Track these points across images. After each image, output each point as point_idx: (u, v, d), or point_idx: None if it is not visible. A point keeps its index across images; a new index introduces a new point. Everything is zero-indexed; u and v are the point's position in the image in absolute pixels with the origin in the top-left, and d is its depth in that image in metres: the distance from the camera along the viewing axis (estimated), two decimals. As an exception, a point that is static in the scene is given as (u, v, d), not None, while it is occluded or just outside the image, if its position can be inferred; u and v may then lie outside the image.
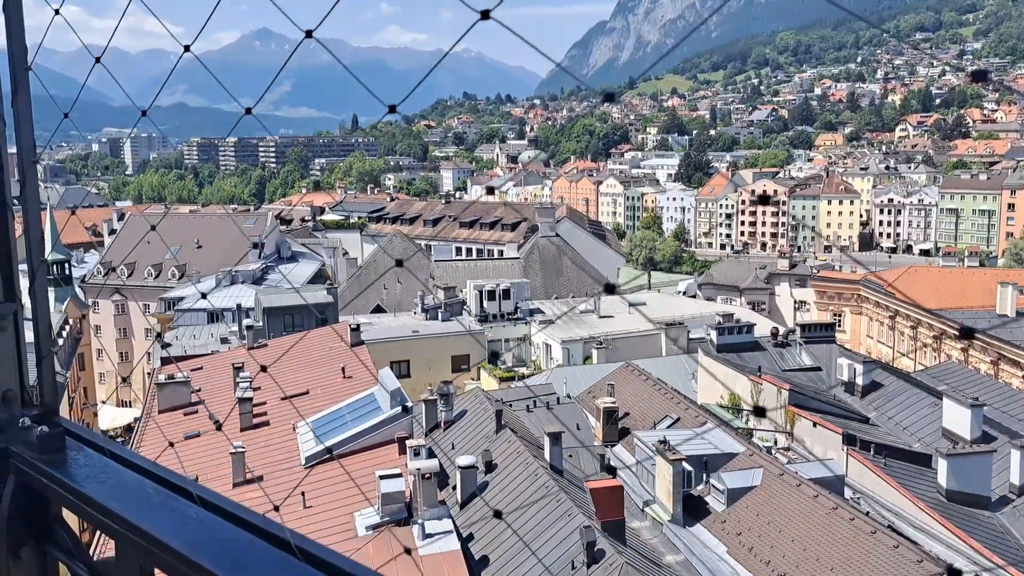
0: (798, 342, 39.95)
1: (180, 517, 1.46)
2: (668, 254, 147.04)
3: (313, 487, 22.70)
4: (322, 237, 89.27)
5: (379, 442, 25.13)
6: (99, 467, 1.71)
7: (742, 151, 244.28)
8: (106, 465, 1.72)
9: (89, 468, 1.71)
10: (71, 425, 1.86)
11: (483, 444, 26.72)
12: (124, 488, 1.59)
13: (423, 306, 53.47)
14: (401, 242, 73.75)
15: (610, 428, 30.09)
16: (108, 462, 1.72)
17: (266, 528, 1.38)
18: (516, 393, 35.62)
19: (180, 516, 1.46)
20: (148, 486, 1.59)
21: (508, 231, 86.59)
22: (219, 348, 44.57)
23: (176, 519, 1.45)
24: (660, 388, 32.14)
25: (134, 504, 1.52)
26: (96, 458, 1.74)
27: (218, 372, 34.00)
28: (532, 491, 23.21)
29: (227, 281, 59.98)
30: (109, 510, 1.52)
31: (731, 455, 24.97)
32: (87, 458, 1.74)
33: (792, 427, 31.18)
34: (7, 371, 1.88)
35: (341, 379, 30.89)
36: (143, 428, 31.12)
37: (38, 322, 1.98)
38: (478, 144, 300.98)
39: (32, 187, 1.87)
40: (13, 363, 1.88)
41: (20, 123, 1.88)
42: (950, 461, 25.75)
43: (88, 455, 1.76)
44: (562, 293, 62.51)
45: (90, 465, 1.72)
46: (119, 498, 1.55)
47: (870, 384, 34.59)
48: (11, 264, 1.90)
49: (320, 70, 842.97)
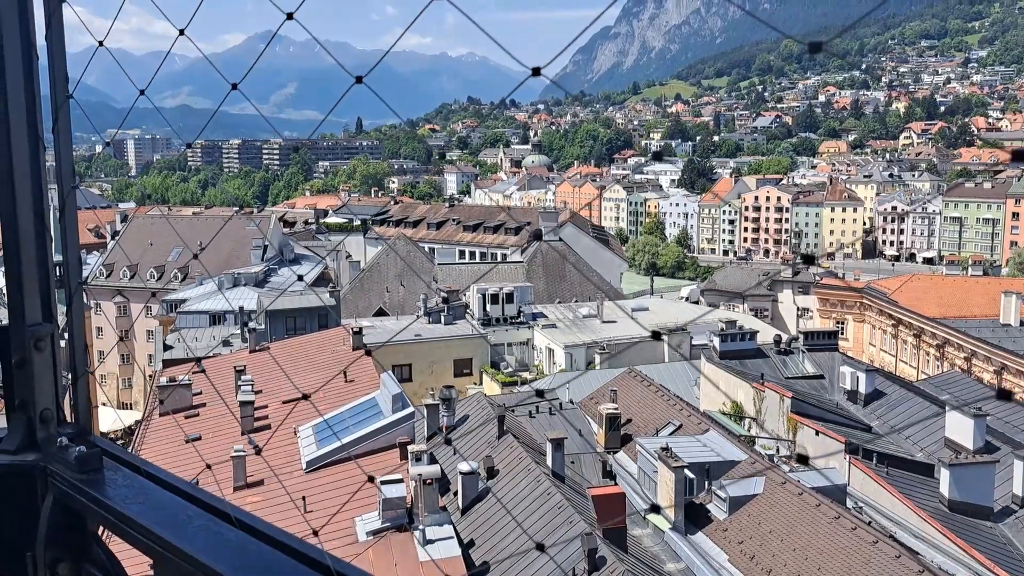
0: (801, 350, 39.96)
1: (221, 540, 1.50)
2: (671, 260, 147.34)
3: (314, 491, 22.75)
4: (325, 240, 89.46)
5: (381, 447, 25.17)
6: (137, 487, 1.75)
7: (745, 157, 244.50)
8: (143, 485, 1.76)
9: (127, 488, 1.75)
10: (107, 444, 1.91)
11: (485, 450, 26.74)
12: (163, 509, 1.63)
13: (426, 309, 53.53)
14: (404, 245, 73.83)
15: (612, 434, 30.11)
16: (145, 482, 1.77)
17: (305, 552, 1.43)
18: (518, 397, 35.64)
19: (221, 539, 1.50)
20: (187, 508, 1.63)
21: (512, 235, 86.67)
22: (221, 351, 44.67)
23: (217, 542, 1.49)
24: (662, 394, 32.15)
25: (174, 525, 1.56)
26: (133, 478, 1.79)
27: (220, 375, 34.05)
28: (534, 497, 23.23)
29: (229, 283, 60.10)
30: (150, 531, 1.56)
31: (733, 463, 24.98)
32: (124, 478, 1.79)
33: (794, 436, 31.19)
34: (45, 391, 1.92)
35: (343, 382, 30.95)
36: (144, 431, 31.18)
37: (74, 342, 2.03)
38: (482, 148, 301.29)
39: (71, 212, 1.92)
40: (51, 383, 1.93)
41: (60, 149, 1.93)
42: (952, 471, 25.75)
43: (125, 475, 1.80)
44: (565, 297, 62.52)
45: (128, 485, 1.76)
46: (159, 519, 1.59)
47: (873, 393, 34.60)
48: (49, 286, 1.95)
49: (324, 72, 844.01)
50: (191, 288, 62.77)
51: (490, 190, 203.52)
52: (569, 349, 47.24)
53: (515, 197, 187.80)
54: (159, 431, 29.52)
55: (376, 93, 2.36)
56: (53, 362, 1.93)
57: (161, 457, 26.07)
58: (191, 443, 26.72)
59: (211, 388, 32.82)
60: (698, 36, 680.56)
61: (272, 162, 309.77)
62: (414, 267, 68.66)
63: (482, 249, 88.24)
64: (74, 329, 2.04)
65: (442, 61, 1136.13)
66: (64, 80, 1.97)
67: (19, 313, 1.90)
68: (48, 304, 1.94)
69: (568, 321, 52.65)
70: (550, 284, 66.05)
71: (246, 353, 37.15)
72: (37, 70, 1.90)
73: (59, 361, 1.95)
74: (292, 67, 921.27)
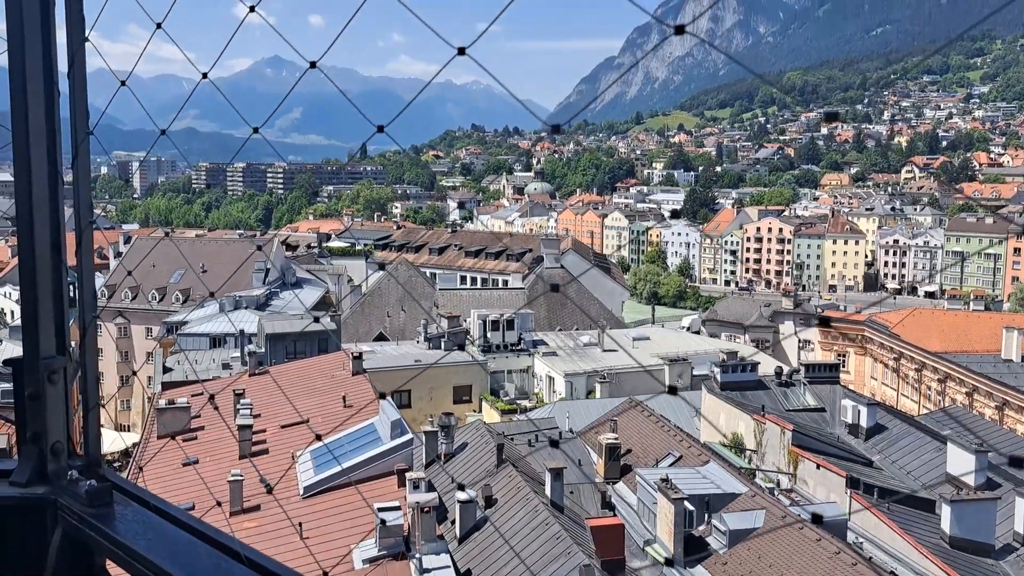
0: (802, 382, 39.86)
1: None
2: (672, 289, 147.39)
3: (311, 517, 22.62)
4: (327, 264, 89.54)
5: (378, 473, 25.06)
6: (146, 522, 1.77)
7: (748, 188, 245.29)
8: (153, 521, 1.77)
9: (137, 524, 1.76)
10: (118, 479, 1.92)
11: (483, 478, 26.60)
12: (174, 546, 1.64)
13: (426, 335, 53.50)
14: (406, 270, 73.93)
15: (612, 464, 29.95)
16: (154, 517, 1.78)
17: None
18: (518, 427, 35.51)
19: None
20: (196, 544, 1.64)
21: (513, 261, 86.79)
22: (220, 374, 44.60)
23: None
24: (663, 425, 32.03)
25: (184, 562, 1.57)
26: (143, 513, 1.80)
27: (219, 398, 33.96)
28: (532, 527, 23.07)
29: (230, 306, 60.09)
30: (158, 567, 1.57)
31: (733, 495, 24.83)
32: (135, 513, 1.80)
33: (795, 469, 31.03)
34: (57, 423, 1.94)
35: (342, 407, 30.87)
36: (142, 453, 31.06)
37: (86, 374, 2.05)
38: (485, 175, 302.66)
39: (87, 247, 1.95)
40: (63, 415, 1.95)
41: (79, 185, 1.97)
42: (954, 507, 25.58)
43: (136, 510, 1.81)
44: (566, 325, 62.49)
45: (137, 520, 1.77)
46: (168, 555, 1.60)
47: (874, 427, 34.46)
48: (63, 319, 1.97)
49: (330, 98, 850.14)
50: (192, 310, 62.76)
51: (492, 216, 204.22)
52: (569, 377, 47.14)
53: (517, 224, 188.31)
54: (157, 454, 29.39)
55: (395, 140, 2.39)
56: (65, 395, 1.95)
57: (159, 480, 25.97)
58: (188, 466, 26.61)
59: (210, 411, 32.73)
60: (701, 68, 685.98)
61: (276, 186, 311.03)
62: (414, 293, 68.71)
63: (483, 275, 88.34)
64: (87, 362, 2.06)
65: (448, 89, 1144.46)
66: (85, 117, 2.01)
67: (34, 346, 1.92)
68: (62, 337, 1.97)
69: (569, 349, 52.58)
70: (551, 311, 66.03)
71: (246, 376, 37.08)
72: (58, 107, 1.95)
73: (71, 394, 1.97)
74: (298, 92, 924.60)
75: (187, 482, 25.24)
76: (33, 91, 1.90)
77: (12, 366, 1.95)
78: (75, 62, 1.94)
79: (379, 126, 2.02)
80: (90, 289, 1.97)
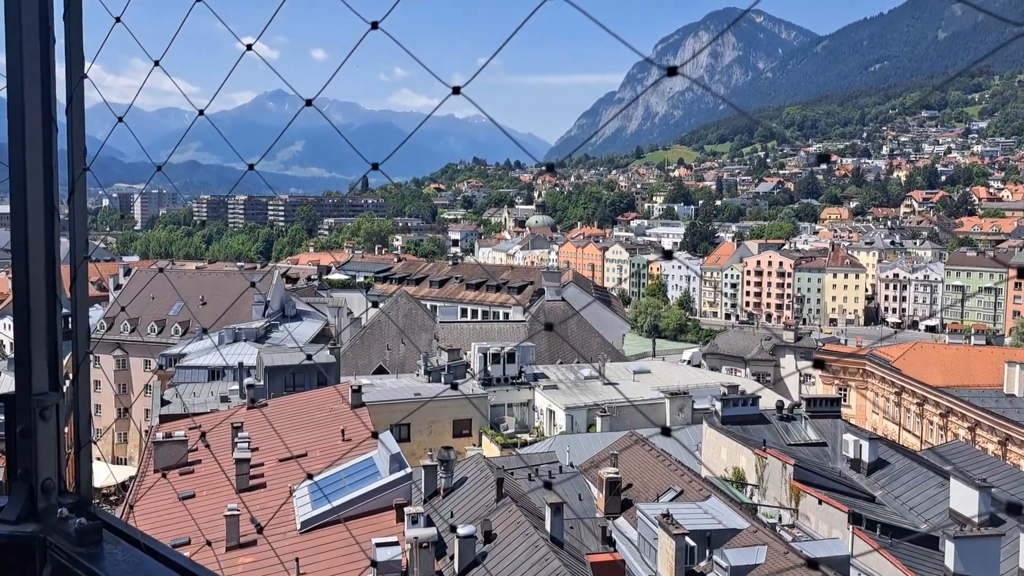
0: (803, 416, 39.67)
1: None
2: (673, 322, 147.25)
3: (308, 553, 22.38)
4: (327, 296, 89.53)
5: (377, 508, 24.84)
6: (135, 562, 1.73)
7: (748, 222, 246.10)
8: (142, 560, 1.74)
9: (126, 563, 1.73)
10: (108, 517, 1.89)
11: (483, 513, 26.35)
12: (162, 586, 1.61)
13: (426, 368, 53.33)
14: (406, 302, 73.91)
15: (612, 499, 29.71)
16: (144, 557, 1.75)
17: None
18: (518, 461, 35.26)
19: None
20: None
21: (514, 294, 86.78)
22: (219, 406, 44.39)
23: None
24: (664, 459, 31.82)
25: (173, 604, 1.54)
26: (133, 552, 1.77)
27: (217, 431, 33.77)
28: (532, 563, 22.82)
29: (230, 338, 59.97)
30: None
31: (735, 531, 24.59)
32: (124, 552, 1.77)
33: (797, 504, 30.77)
34: (48, 460, 1.92)
35: (340, 441, 30.67)
36: (138, 487, 30.81)
37: (79, 412, 2.03)
38: (486, 207, 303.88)
39: (82, 284, 1.94)
40: (54, 452, 1.92)
41: (75, 221, 1.97)
42: (958, 543, 25.30)
43: (125, 548, 1.78)
44: (567, 358, 62.34)
45: (127, 560, 1.74)
46: (158, 597, 1.57)
47: (876, 461, 34.23)
48: (57, 355, 1.95)
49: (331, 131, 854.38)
50: (190, 343, 62.63)
51: (494, 249, 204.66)
52: (570, 411, 46.92)
53: (518, 256, 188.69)
54: (153, 488, 29.15)
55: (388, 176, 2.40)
56: (58, 432, 1.93)
57: (154, 515, 25.75)
58: (185, 500, 26.39)
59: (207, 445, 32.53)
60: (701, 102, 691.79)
61: (277, 218, 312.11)
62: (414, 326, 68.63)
63: (484, 308, 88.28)
64: (80, 399, 2.04)
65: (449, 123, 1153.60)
66: (83, 152, 2.02)
67: (26, 382, 1.90)
68: (55, 374, 1.95)
69: (570, 382, 52.40)
70: (552, 344, 65.91)
71: (244, 410, 36.88)
72: (56, 142, 1.95)
73: (63, 431, 1.95)
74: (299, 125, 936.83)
75: (184, 516, 25.00)
76: (31, 126, 1.91)
77: (3, 401, 1.93)
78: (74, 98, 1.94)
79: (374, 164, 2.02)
80: (84, 325, 1.95)
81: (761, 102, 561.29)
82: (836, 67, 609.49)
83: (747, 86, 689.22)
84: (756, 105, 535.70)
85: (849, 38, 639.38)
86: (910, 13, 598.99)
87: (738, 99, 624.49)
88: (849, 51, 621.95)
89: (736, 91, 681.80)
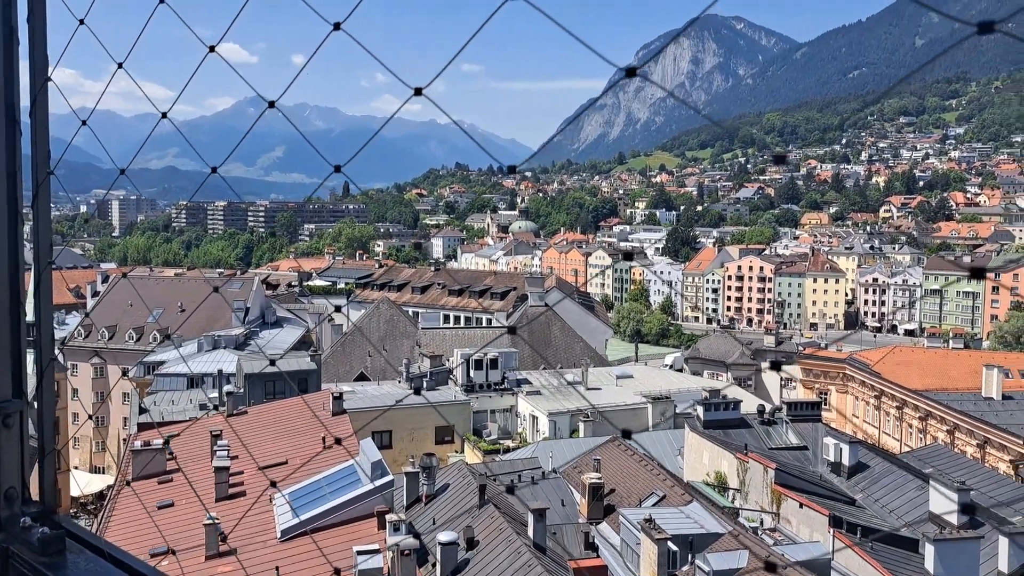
0: (784, 420, 39.84)
1: None
2: (655, 327, 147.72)
3: (289, 561, 22.21)
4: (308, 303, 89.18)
5: (358, 516, 24.69)
6: (99, 572, 1.70)
7: (729, 227, 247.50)
8: (106, 570, 1.71)
9: (89, 573, 1.70)
10: (72, 526, 1.86)
11: (465, 519, 26.27)
12: (125, 596, 1.58)
13: (407, 374, 53.17)
14: (388, 308, 73.66)
15: (595, 504, 29.70)
16: (108, 567, 1.72)
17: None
18: (500, 467, 35.21)
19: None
20: (149, 594, 1.58)
21: (497, 299, 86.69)
22: (198, 414, 44.02)
23: None
24: (646, 464, 31.86)
25: (135, 615, 1.52)
26: (96, 562, 1.74)
27: (195, 439, 33.48)
28: (514, 570, 22.76)
29: (209, 346, 59.54)
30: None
31: (717, 535, 24.65)
32: (87, 561, 1.74)
33: (778, 507, 30.89)
34: (11, 468, 1.88)
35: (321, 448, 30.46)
36: (116, 496, 30.47)
37: (43, 419, 2.00)
38: (469, 213, 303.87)
39: (46, 290, 1.91)
40: (17, 460, 1.89)
41: (39, 227, 1.94)
42: (937, 546, 25.48)
43: (88, 558, 1.75)
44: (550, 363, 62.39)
45: (90, 570, 1.71)
46: (120, 607, 1.54)
47: (856, 465, 34.42)
48: (21, 362, 1.92)
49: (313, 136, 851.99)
50: (169, 350, 62.12)
51: (476, 255, 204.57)
52: (553, 416, 46.90)
53: (501, 262, 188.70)
54: (131, 497, 28.84)
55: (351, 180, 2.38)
56: (21, 440, 1.90)
57: (132, 524, 25.48)
58: (163, 510, 26.14)
59: (186, 453, 32.25)
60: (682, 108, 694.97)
61: (257, 224, 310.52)
62: (395, 332, 68.42)
63: (467, 314, 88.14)
64: (44, 406, 2.01)
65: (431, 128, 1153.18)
66: (46, 157, 1.98)
67: None
68: (19, 380, 1.92)
69: (553, 388, 52.39)
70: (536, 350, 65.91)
71: (223, 417, 36.59)
72: (19, 147, 1.92)
73: (27, 439, 1.92)
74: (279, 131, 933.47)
75: (162, 525, 24.77)
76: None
77: (-35, 410, 1.89)
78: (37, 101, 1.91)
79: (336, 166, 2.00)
80: (48, 331, 1.92)
81: (741, 108, 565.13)
82: (815, 73, 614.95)
83: (727, 92, 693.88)
84: (736, 111, 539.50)
85: (828, 45, 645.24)
86: (888, 20, 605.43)
87: (719, 105, 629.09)
88: (828, 58, 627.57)
89: (717, 97, 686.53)
